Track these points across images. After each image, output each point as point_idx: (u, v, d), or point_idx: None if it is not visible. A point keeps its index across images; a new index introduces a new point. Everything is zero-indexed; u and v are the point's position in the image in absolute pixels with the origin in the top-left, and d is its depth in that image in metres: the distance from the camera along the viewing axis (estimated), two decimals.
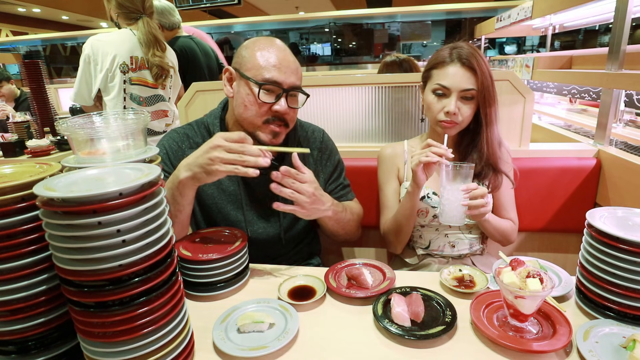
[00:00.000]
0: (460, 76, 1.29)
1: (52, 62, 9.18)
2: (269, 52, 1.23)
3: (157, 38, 2.35)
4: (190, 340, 0.82)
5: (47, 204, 0.64)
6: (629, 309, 0.87)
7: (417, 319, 0.93)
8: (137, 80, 2.35)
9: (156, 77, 2.40)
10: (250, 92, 1.22)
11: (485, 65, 1.30)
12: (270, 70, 1.21)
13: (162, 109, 2.51)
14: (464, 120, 1.32)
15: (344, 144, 1.86)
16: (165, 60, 2.41)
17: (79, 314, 0.69)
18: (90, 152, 0.82)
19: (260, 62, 1.21)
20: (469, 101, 1.31)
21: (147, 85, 2.40)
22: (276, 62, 1.22)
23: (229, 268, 1.07)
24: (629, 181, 1.49)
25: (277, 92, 1.22)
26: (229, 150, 1.04)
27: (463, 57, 1.29)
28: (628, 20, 1.64)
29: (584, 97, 2.67)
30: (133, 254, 0.67)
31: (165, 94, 2.51)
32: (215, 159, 1.04)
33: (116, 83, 2.30)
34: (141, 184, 0.67)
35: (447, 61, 1.31)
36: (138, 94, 2.38)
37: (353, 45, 9.87)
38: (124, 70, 2.29)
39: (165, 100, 2.52)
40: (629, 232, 0.85)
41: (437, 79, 1.32)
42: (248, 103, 1.23)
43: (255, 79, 1.21)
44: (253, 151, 1.05)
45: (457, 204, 1.18)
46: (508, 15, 4.18)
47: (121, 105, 2.34)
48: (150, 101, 2.44)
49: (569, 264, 1.14)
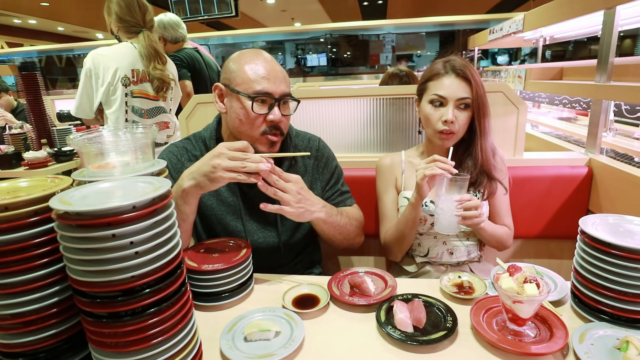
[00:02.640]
0: (456, 86, 1.34)
1: (48, 74, 9.19)
2: (256, 65, 1.25)
3: (157, 51, 2.39)
4: (198, 350, 0.83)
5: (62, 217, 0.66)
6: (622, 312, 0.90)
7: (419, 324, 0.95)
8: (138, 93, 2.38)
9: (157, 89, 2.43)
10: (243, 106, 1.24)
11: (478, 77, 1.36)
12: (260, 82, 1.23)
13: (163, 121, 2.55)
14: (460, 129, 1.36)
15: (342, 154, 1.89)
16: (166, 73, 2.45)
17: (92, 324, 0.70)
18: (101, 165, 0.84)
19: (249, 75, 1.24)
20: (464, 110, 1.36)
21: (148, 98, 2.44)
22: (265, 73, 1.24)
23: (234, 278, 1.09)
24: (619, 188, 1.53)
25: (269, 102, 1.26)
26: (231, 158, 1.07)
27: (457, 68, 1.35)
28: (615, 33, 1.69)
29: (575, 107, 2.72)
30: (145, 265, 0.69)
31: (166, 105, 2.54)
32: (217, 166, 1.07)
33: (118, 96, 2.33)
34: (153, 197, 0.69)
35: (442, 73, 1.37)
36: (140, 107, 2.41)
37: (348, 56, 9.97)
38: (125, 83, 2.32)
39: (166, 112, 2.56)
40: (620, 238, 0.89)
41: (434, 90, 1.37)
42: (243, 117, 1.25)
43: (247, 92, 1.23)
44: (255, 158, 1.08)
45: (451, 213, 1.22)
46: (500, 28, 4.26)
47: (123, 117, 2.37)
48: (151, 113, 2.48)
49: (563, 270, 1.16)
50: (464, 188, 1.22)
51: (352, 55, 9.91)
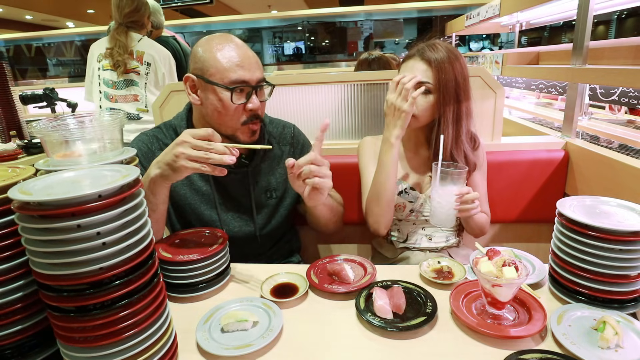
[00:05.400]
0: (416, 69, 1.33)
1: (17, 64, 8.88)
2: (228, 52, 1.21)
3: (119, 42, 2.63)
4: (173, 342, 0.81)
5: (23, 208, 0.63)
6: (599, 293, 0.91)
7: (399, 311, 0.94)
8: (107, 66, 2.67)
9: (115, 65, 2.66)
10: (220, 98, 1.20)
11: (450, 63, 1.31)
12: (235, 70, 1.19)
13: (132, 93, 2.71)
14: (420, 113, 1.34)
15: None
16: (121, 59, 2.63)
17: (59, 319, 0.67)
18: (65, 154, 0.80)
19: (223, 64, 1.19)
20: (425, 95, 1.32)
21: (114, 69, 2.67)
22: (239, 60, 1.20)
23: (210, 268, 1.06)
24: (595, 171, 1.55)
25: (246, 91, 1.22)
26: (195, 147, 1.02)
27: (424, 52, 1.33)
28: (590, 17, 1.70)
29: (551, 92, 2.76)
30: (114, 256, 0.66)
31: (139, 79, 2.69)
32: (180, 155, 1.02)
33: (94, 72, 2.72)
34: (120, 185, 0.66)
35: (412, 55, 1.36)
36: (109, 78, 2.67)
37: (326, 44, 9.90)
38: (99, 59, 2.70)
39: (137, 85, 2.70)
40: (597, 219, 0.89)
41: (402, 71, 1.37)
42: (221, 109, 1.21)
43: (223, 82, 1.19)
44: (219, 149, 1.02)
45: (449, 207, 1.21)
46: (477, 13, 4.28)
47: (97, 89, 2.72)
48: (120, 85, 2.69)
49: (541, 253, 1.17)
50: (461, 180, 1.21)
51: (330, 43, 9.85)
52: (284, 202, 1.45)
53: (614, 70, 1.53)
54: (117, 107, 2.68)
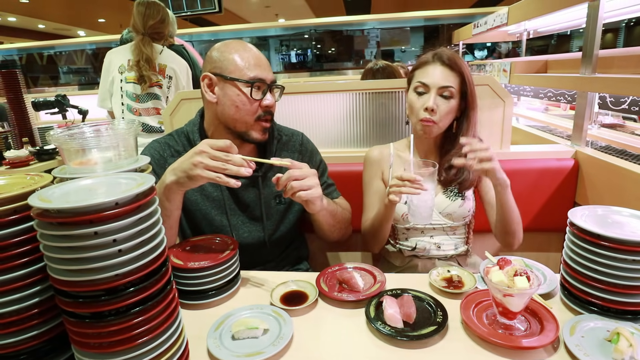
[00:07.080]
0: (439, 73, 1.35)
1: (29, 72, 9.02)
2: (245, 53, 1.29)
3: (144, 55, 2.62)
4: (185, 349, 0.82)
5: (42, 215, 0.64)
6: (612, 304, 0.90)
7: (409, 320, 0.94)
8: (131, 79, 2.67)
9: (139, 80, 2.67)
10: (241, 92, 1.26)
11: (466, 68, 1.36)
12: (252, 69, 1.27)
13: (155, 107, 2.75)
14: (441, 119, 1.35)
15: (328, 149, 1.87)
16: (147, 73, 2.64)
17: (74, 325, 0.68)
18: (82, 162, 0.81)
19: (241, 63, 1.27)
20: (447, 99, 1.35)
21: (138, 83, 2.67)
22: (255, 61, 1.28)
23: (220, 275, 1.07)
24: (605, 180, 1.54)
25: (263, 88, 1.29)
26: (212, 158, 1.05)
27: (444, 57, 1.36)
28: (599, 26, 1.70)
29: (560, 100, 2.75)
30: (129, 263, 0.67)
31: (161, 93, 2.73)
32: (198, 164, 1.04)
33: (116, 84, 2.71)
34: (136, 193, 0.67)
35: (429, 61, 1.38)
36: (132, 91, 2.69)
37: (333, 52, 9.94)
38: (121, 71, 2.68)
39: (159, 99, 2.74)
40: (609, 229, 0.89)
41: (418, 78, 1.38)
42: (240, 103, 1.27)
43: (243, 78, 1.25)
44: (236, 161, 1.05)
45: (424, 205, 1.21)
46: (485, 22, 4.28)
47: (119, 102, 2.72)
48: (143, 98, 2.71)
49: (551, 262, 1.17)
50: (434, 175, 1.20)
51: (337, 51, 9.89)
52: (293, 208, 1.46)
53: (624, 79, 1.53)
54: (140, 121, 2.72)
